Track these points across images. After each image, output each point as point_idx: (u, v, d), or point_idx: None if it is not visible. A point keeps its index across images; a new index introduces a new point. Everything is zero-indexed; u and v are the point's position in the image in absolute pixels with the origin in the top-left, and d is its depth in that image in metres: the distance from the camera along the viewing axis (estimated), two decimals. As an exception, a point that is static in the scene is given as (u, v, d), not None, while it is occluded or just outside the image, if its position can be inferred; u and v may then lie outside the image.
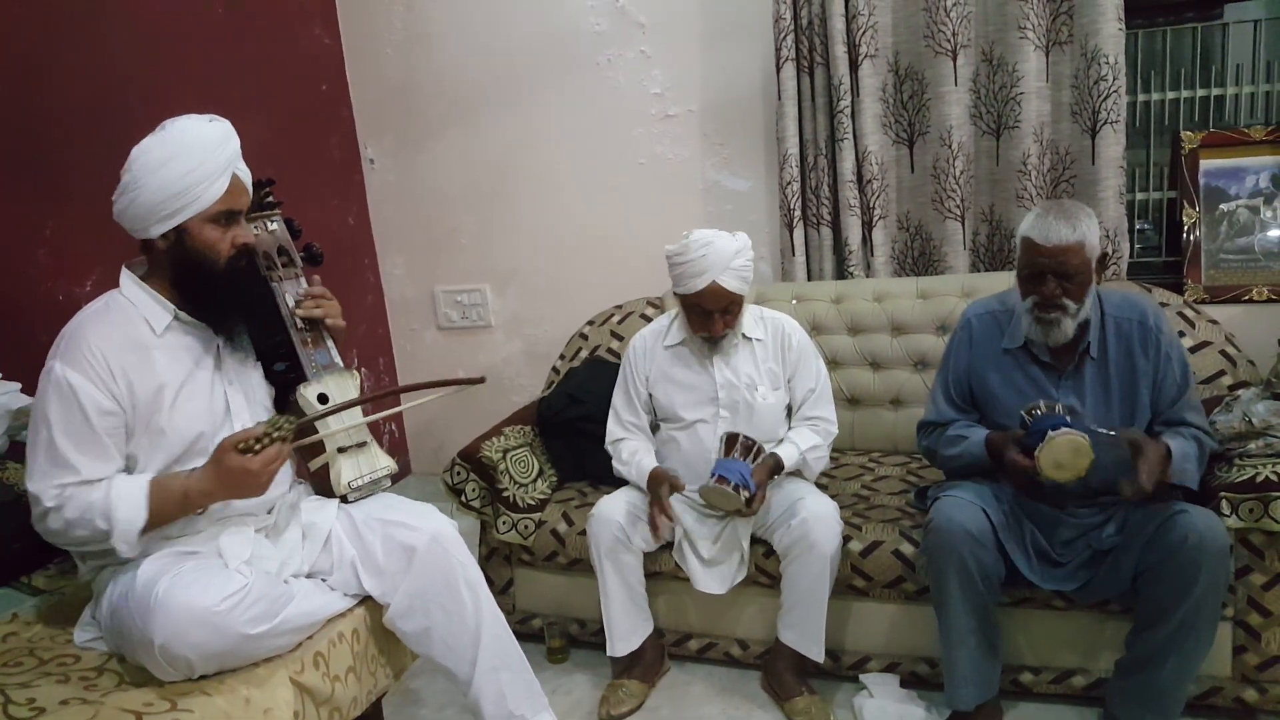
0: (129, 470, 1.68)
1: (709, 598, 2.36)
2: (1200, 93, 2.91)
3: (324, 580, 1.83)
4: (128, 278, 1.75)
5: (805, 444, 2.33)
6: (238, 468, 1.57)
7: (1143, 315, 2.05)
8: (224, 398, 1.79)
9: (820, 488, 2.42)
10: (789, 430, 2.40)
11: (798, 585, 2.19)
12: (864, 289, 2.93)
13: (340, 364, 1.92)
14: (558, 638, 2.58)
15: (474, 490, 2.55)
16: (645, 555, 2.36)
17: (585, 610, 2.51)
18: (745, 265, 2.25)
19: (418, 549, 1.83)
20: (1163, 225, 3.02)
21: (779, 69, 2.98)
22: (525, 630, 2.59)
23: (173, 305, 1.74)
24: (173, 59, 2.82)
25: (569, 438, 2.75)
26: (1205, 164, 2.84)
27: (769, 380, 2.38)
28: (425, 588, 1.84)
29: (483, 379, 1.94)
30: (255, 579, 1.62)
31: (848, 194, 2.97)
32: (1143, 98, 2.96)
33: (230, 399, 1.79)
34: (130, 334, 1.69)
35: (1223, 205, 2.84)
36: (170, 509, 1.62)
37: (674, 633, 2.49)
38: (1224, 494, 1.95)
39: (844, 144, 2.94)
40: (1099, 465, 1.86)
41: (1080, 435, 1.85)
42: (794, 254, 3.09)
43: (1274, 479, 1.91)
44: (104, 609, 1.65)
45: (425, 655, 1.89)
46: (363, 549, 1.83)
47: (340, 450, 1.89)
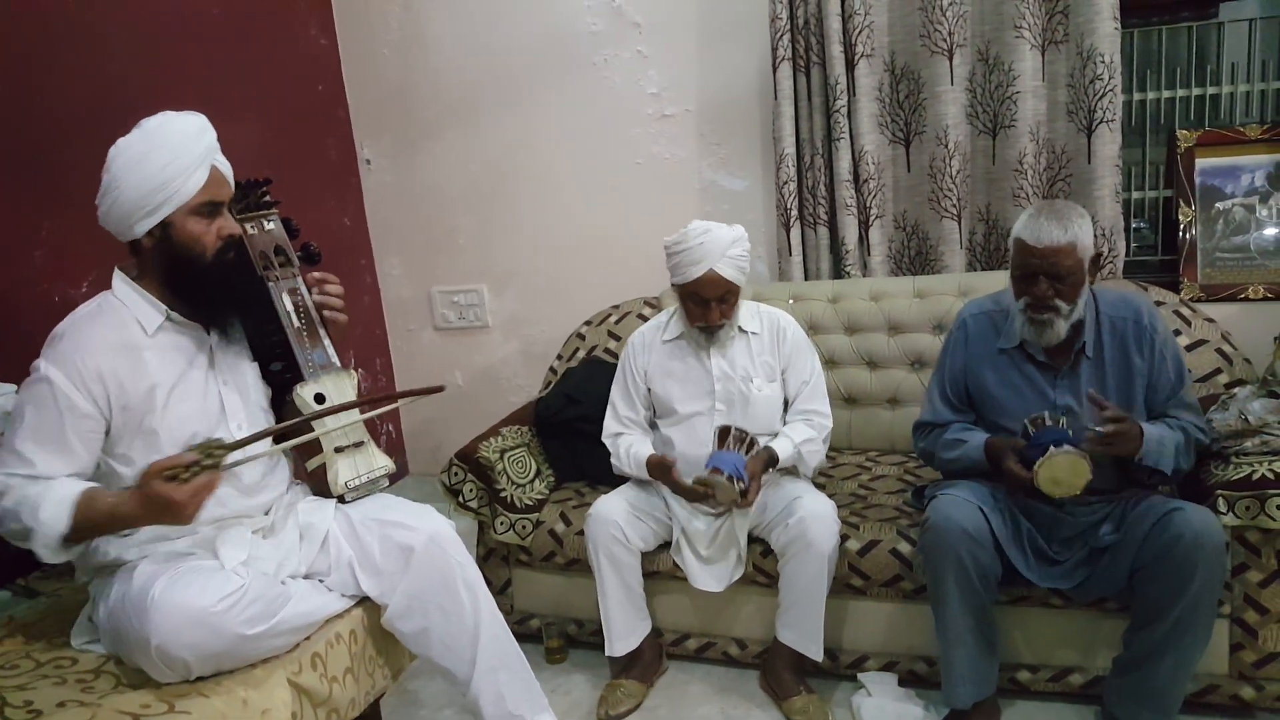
0: (122, 472, 1.68)
1: (707, 597, 2.36)
2: (1196, 91, 2.92)
3: (321, 581, 1.83)
4: (120, 279, 1.75)
5: (800, 437, 2.33)
6: (162, 496, 1.46)
7: (1137, 314, 2.05)
8: (218, 398, 1.79)
9: (818, 487, 2.42)
10: (785, 425, 2.41)
11: (795, 584, 2.20)
12: (861, 288, 2.93)
13: (338, 363, 1.92)
14: (556, 638, 2.58)
15: (472, 491, 2.55)
16: (643, 555, 2.36)
17: (583, 610, 2.51)
18: (741, 255, 2.28)
19: (415, 549, 1.82)
20: (1159, 224, 3.02)
21: (775, 68, 2.98)
22: (523, 631, 2.59)
23: (164, 306, 1.74)
24: (169, 60, 2.82)
25: (566, 438, 2.74)
26: (1201, 163, 2.85)
27: (764, 373, 2.39)
28: (423, 588, 1.83)
29: (442, 388, 1.93)
30: (252, 580, 1.62)
31: (844, 193, 2.98)
32: (1138, 97, 2.97)
33: (225, 399, 1.79)
34: (121, 335, 1.69)
35: (1219, 204, 2.84)
36: (95, 524, 1.56)
37: (672, 632, 2.49)
38: (1220, 491, 1.96)
39: (840, 143, 2.95)
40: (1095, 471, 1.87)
41: (1081, 455, 1.86)
42: (791, 253, 3.09)
43: (1270, 477, 1.92)
44: (101, 611, 1.65)
45: (424, 656, 1.89)
46: (360, 549, 1.83)
47: (337, 450, 1.88)
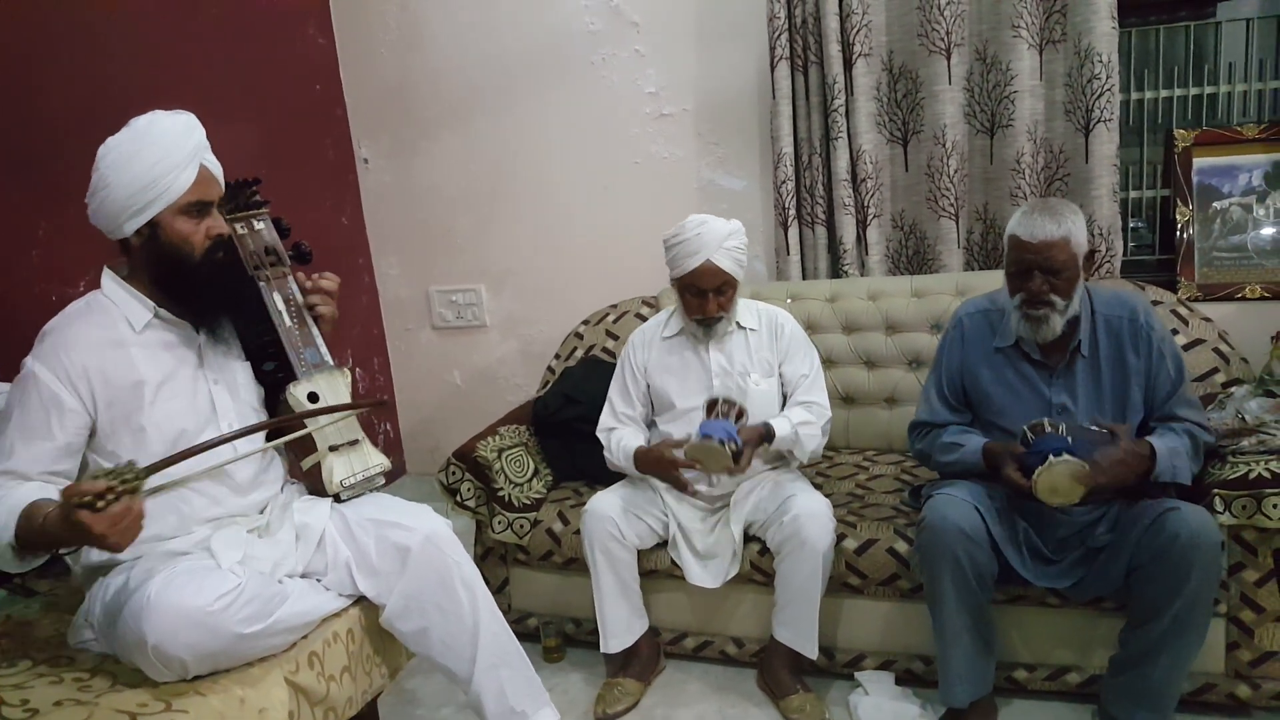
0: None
1: (704, 595, 2.36)
2: (1193, 91, 2.92)
3: (319, 580, 1.82)
4: (109, 277, 1.75)
5: (797, 418, 2.34)
6: (79, 526, 1.37)
7: (1133, 312, 2.05)
8: (208, 396, 1.79)
9: (815, 486, 2.42)
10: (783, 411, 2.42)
11: (791, 583, 2.20)
12: (859, 288, 2.93)
13: (330, 362, 1.92)
14: (553, 637, 2.58)
15: (469, 490, 2.55)
16: (640, 554, 2.37)
17: (581, 609, 2.51)
18: (738, 247, 2.30)
19: (412, 549, 1.82)
20: (1156, 223, 3.03)
21: (773, 68, 2.98)
22: (521, 630, 2.57)
23: (152, 303, 1.74)
24: (167, 60, 2.82)
25: (564, 437, 2.74)
26: (1198, 162, 2.85)
27: (762, 368, 2.41)
28: (421, 588, 1.83)
29: (384, 400, 1.94)
30: (249, 579, 1.62)
31: (842, 193, 2.98)
32: (1136, 96, 2.97)
33: (215, 398, 1.79)
34: (108, 332, 1.69)
35: (1216, 203, 2.85)
36: (34, 537, 1.51)
37: (670, 631, 2.49)
38: (1217, 491, 1.96)
39: (838, 143, 2.95)
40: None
41: (1080, 464, 1.85)
42: (789, 253, 3.09)
43: (1266, 476, 1.92)
44: (97, 610, 1.65)
45: (424, 655, 1.89)
46: (356, 550, 1.83)
47: (332, 449, 1.88)
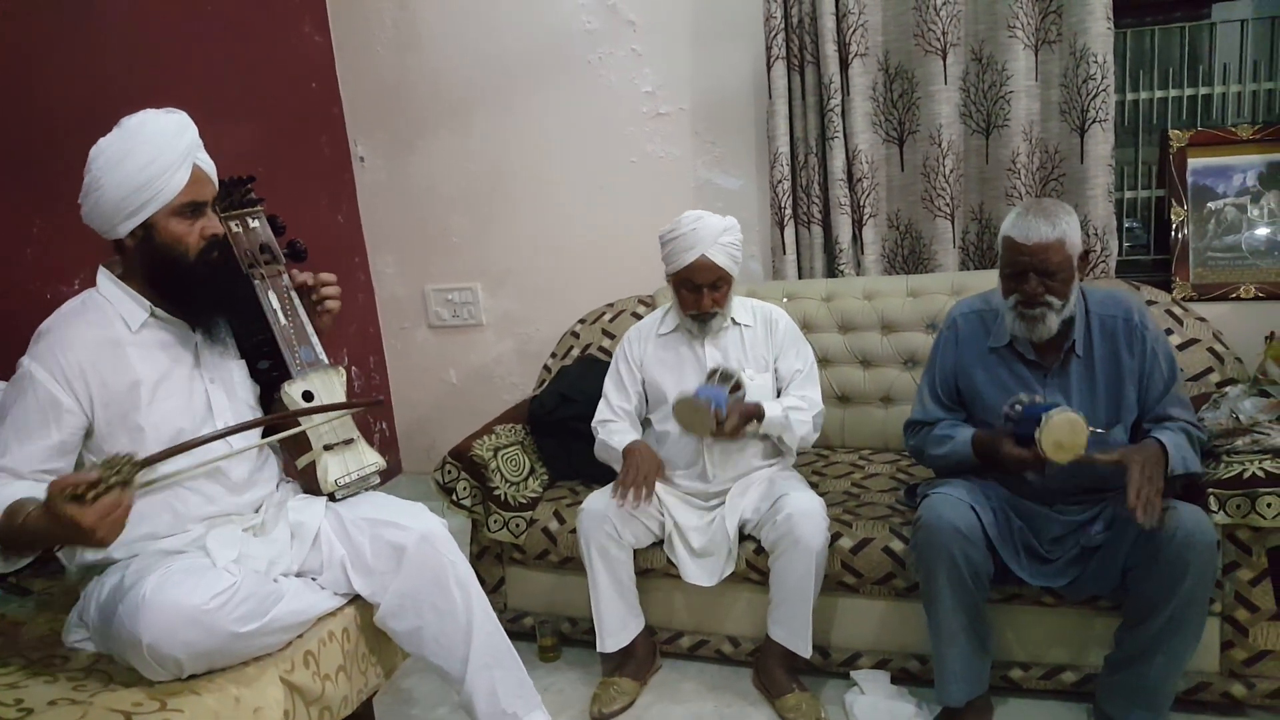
0: None
1: (700, 594, 2.37)
2: (1188, 91, 2.93)
3: (314, 579, 1.82)
4: (104, 276, 1.75)
5: (789, 403, 2.36)
6: (66, 517, 1.34)
7: (1127, 312, 2.05)
8: (204, 395, 1.78)
9: (810, 484, 2.43)
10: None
11: (785, 581, 2.20)
12: (854, 287, 2.93)
13: (325, 361, 1.92)
14: (549, 636, 2.58)
15: (465, 489, 2.55)
16: (636, 552, 2.37)
17: (577, 609, 2.51)
18: (733, 243, 2.32)
19: (407, 548, 1.82)
20: (1151, 223, 3.03)
21: (769, 67, 2.98)
22: (517, 629, 2.59)
23: (148, 302, 1.74)
24: (163, 58, 2.82)
25: (561, 436, 2.74)
26: (1193, 162, 2.86)
27: (757, 363, 2.42)
28: (416, 587, 1.83)
29: (380, 400, 1.94)
30: (244, 577, 1.61)
31: (838, 192, 2.98)
32: (1131, 96, 2.97)
33: (211, 397, 1.79)
34: (104, 332, 1.69)
35: (1210, 203, 2.85)
36: (14, 536, 1.47)
37: (665, 630, 2.49)
38: (1211, 490, 1.96)
39: (834, 142, 2.95)
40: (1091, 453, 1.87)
41: (1075, 413, 1.85)
42: (785, 252, 3.10)
43: (1261, 475, 1.92)
44: (92, 609, 1.64)
45: (417, 654, 1.89)
46: (352, 549, 1.83)
47: (327, 448, 1.88)
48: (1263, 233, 2.82)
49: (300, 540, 1.81)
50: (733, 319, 2.44)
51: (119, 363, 1.68)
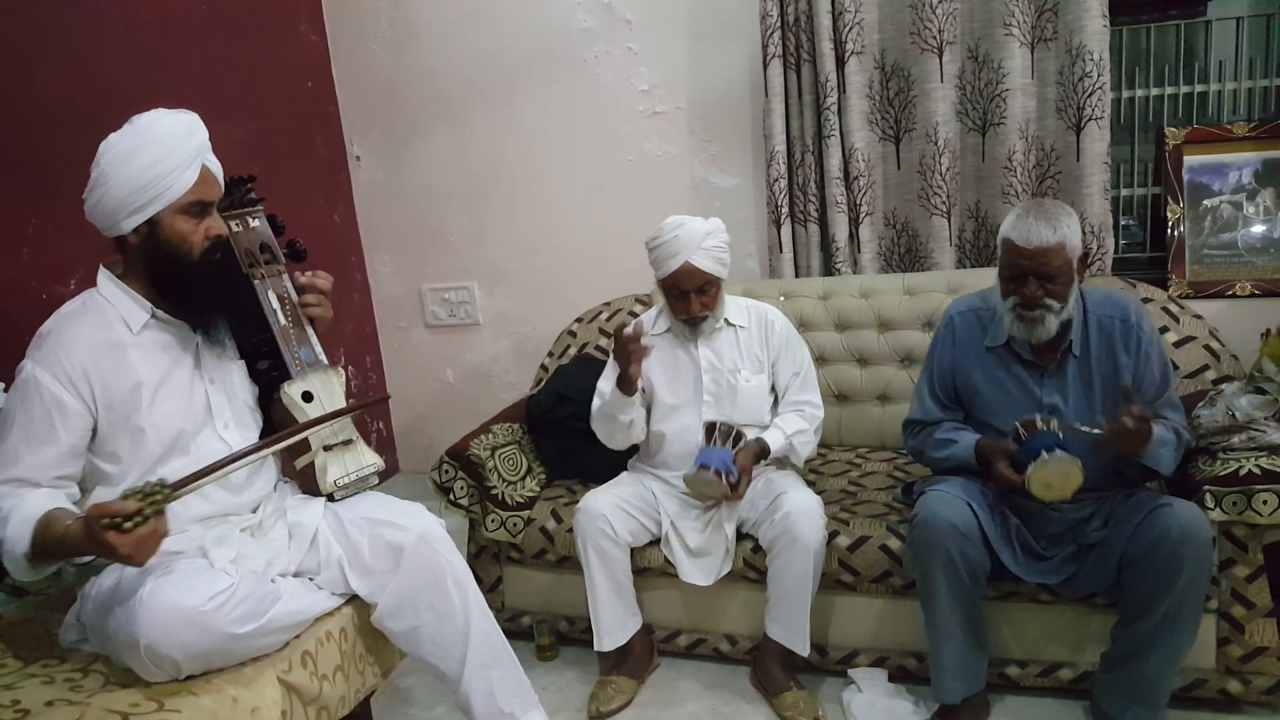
0: (109, 471, 1.68)
1: (697, 593, 2.37)
2: (1184, 89, 2.93)
3: (311, 579, 1.82)
4: (105, 277, 1.74)
5: (791, 429, 2.36)
6: (107, 544, 1.39)
7: (1124, 313, 2.05)
8: (205, 397, 1.78)
9: (808, 483, 2.43)
10: (776, 416, 2.43)
11: (783, 580, 2.20)
12: (851, 285, 2.93)
13: (325, 361, 1.91)
14: (547, 635, 2.58)
15: (462, 488, 2.55)
16: (633, 551, 2.37)
17: (574, 608, 2.51)
18: (718, 246, 2.31)
19: (405, 548, 1.82)
20: (1147, 221, 3.03)
21: (766, 66, 2.98)
22: (514, 628, 2.59)
23: (149, 303, 1.73)
24: (159, 56, 2.81)
25: (558, 435, 2.74)
26: (1189, 160, 2.86)
27: (752, 364, 2.42)
28: (413, 587, 1.83)
29: (388, 396, 1.94)
30: (241, 578, 1.61)
31: (834, 191, 2.98)
32: (1127, 94, 2.98)
33: (211, 398, 1.79)
34: (106, 333, 1.68)
35: (1206, 201, 2.86)
36: (52, 548, 1.52)
37: (663, 629, 2.49)
38: (1207, 487, 1.97)
39: (831, 141, 2.95)
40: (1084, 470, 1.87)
41: (1073, 460, 1.86)
42: (781, 251, 3.10)
43: (1257, 472, 1.93)
44: (89, 610, 1.64)
45: (414, 654, 1.89)
46: (350, 548, 1.83)
47: (326, 448, 1.88)
48: (1258, 230, 2.82)
49: (298, 540, 1.81)
50: (726, 320, 2.43)
51: (121, 364, 1.67)
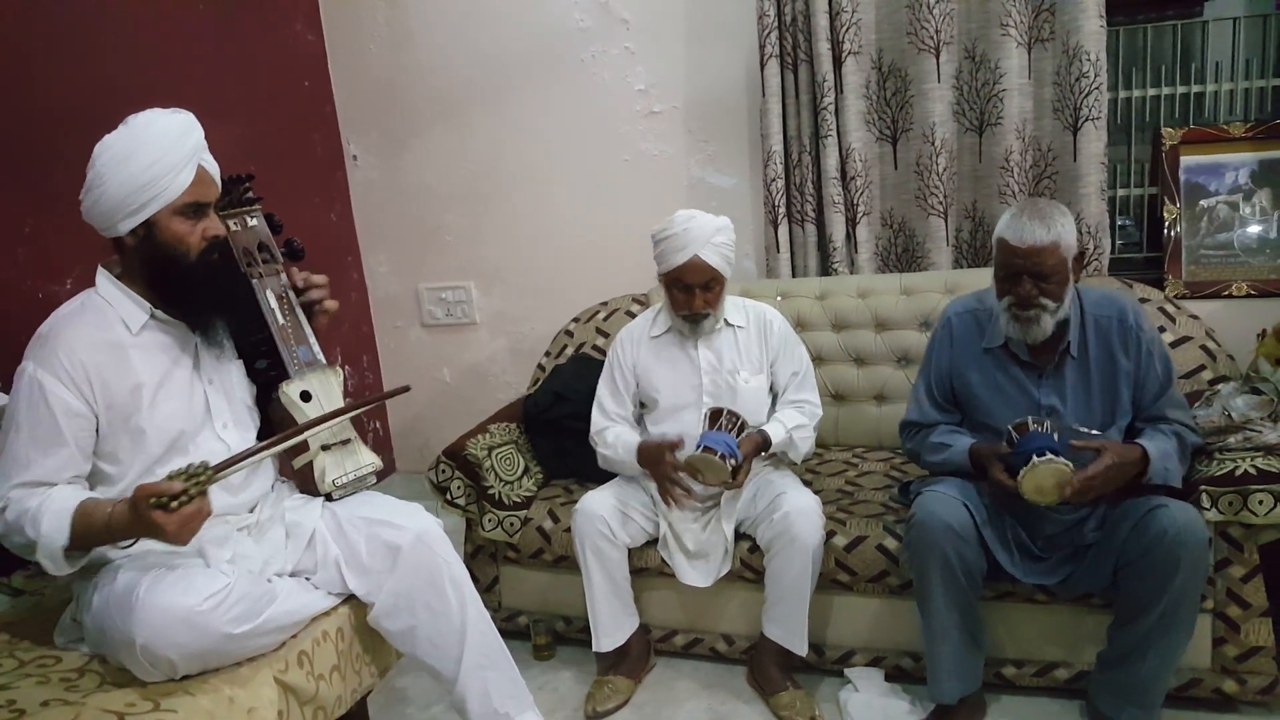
0: (109, 471, 1.67)
1: (694, 593, 2.37)
2: (1181, 90, 2.93)
3: (308, 579, 1.82)
4: (104, 277, 1.74)
5: (791, 423, 2.36)
6: (153, 523, 1.45)
7: (1122, 313, 2.05)
8: (204, 397, 1.78)
9: (805, 483, 2.43)
10: (774, 413, 2.43)
11: (781, 580, 2.20)
12: (848, 285, 2.94)
13: (323, 360, 1.91)
14: (543, 635, 2.58)
15: (459, 488, 2.55)
16: (630, 551, 2.37)
17: (571, 607, 2.51)
18: (726, 243, 2.30)
19: (402, 548, 1.82)
20: (1144, 221, 3.04)
21: (763, 66, 2.98)
22: (511, 628, 2.59)
23: (148, 304, 1.73)
24: (155, 55, 2.80)
25: (555, 435, 2.74)
26: (1186, 160, 2.86)
27: (751, 365, 2.41)
28: (410, 587, 1.83)
29: (408, 387, 1.94)
30: (237, 578, 1.61)
31: (832, 190, 2.98)
32: (1124, 94, 2.98)
33: (210, 398, 1.79)
34: (105, 334, 1.68)
35: (1203, 201, 2.86)
36: (94, 536, 1.55)
37: (660, 629, 2.49)
38: (1203, 488, 1.97)
39: (828, 141, 2.95)
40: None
41: (1065, 464, 1.86)
42: (779, 250, 3.10)
43: (1253, 472, 1.93)
44: (85, 610, 1.64)
45: (410, 654, 1.88)
46: (347, 548, 1.82)
47: (324, 448, 1.87)
48: (1254, 230, 2.82)
49: (295, 540, 1.81)
50: (726, 320, 2.42)
51: (121, 365, 1.67)
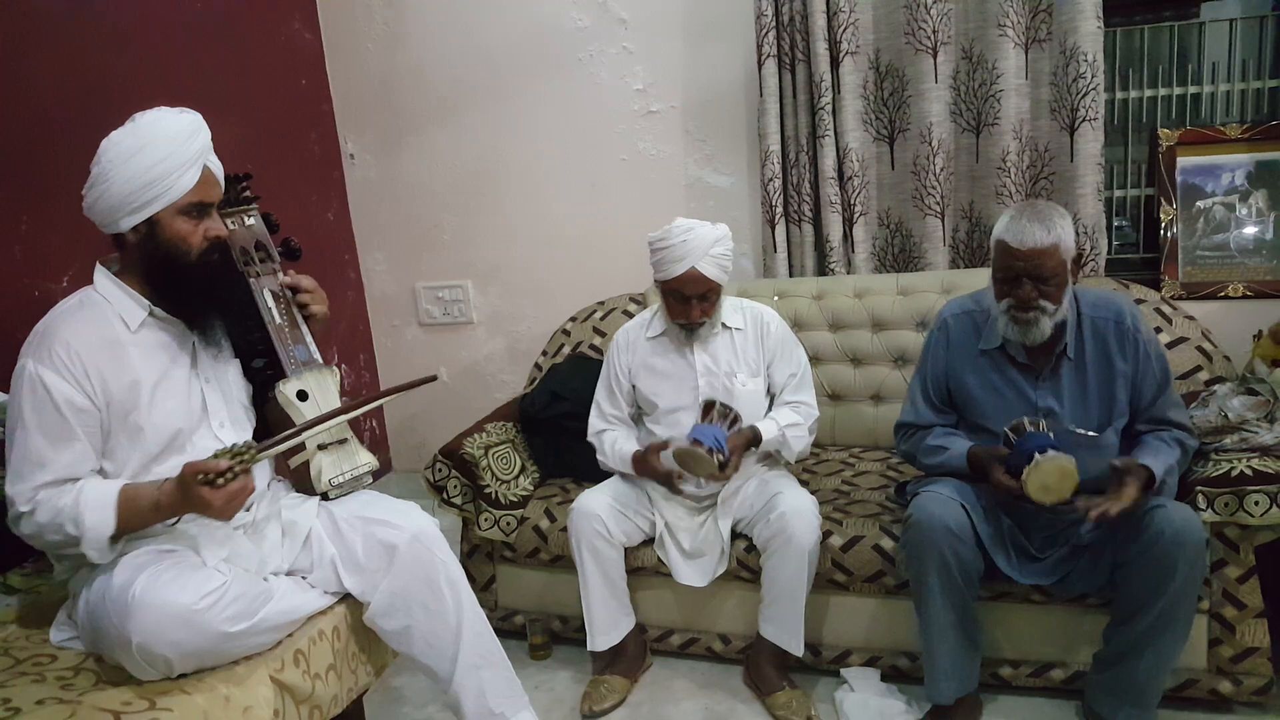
0: (105, 468, 1.67)
1: (691, 593, 2.37)
2: (1177, 91, 2.94)
3: (304, 578, 1.82)
4: (102, 274, 1.73)
5: (785, 421, 2.35)
6: (201, 499, 1.52)
7: (1119, 315, 2.05)
8: (201, 396, 1.78)
9: (801, 483, 2.43)
10: (770, 412, 2.42)
11: (777, 580, 2.20)
12: (845, 285, 2.94)
13: (319, 360, 1.91)
14: (540, 634, 2.57)
15: (456, 487, 2.55)
16: (626, 550, 2.37)
17: (568, 607, 2.50)
18: (724, 254, 2.29)
19: (399, 547, 1.82)
20: (1140, 222, 3.04)
21: (760, 65, 2.98)
22: (507, 627, 2.59)
23: (147, 301, 1.72)
24: (151, 54, 2.80)
25: (551, 434, 2.74)
26: (1182, 161, 2.87)
27: (748, 368, 2.41)
28: (406, 586, 1.83)
29: (434, 377, 1.94)
30: (234, 577, 1.61)
31: (829, 190, 2.98)
32: (1121, 95, 2.98)
33: (207, 396, 1.78)
34: (104, 331, 1.67)
35: (1199, 202, 2.87)
36: (141, 518, 1.59)
37: (656, 628, 2.49)
38: (1200, 488, 1.97)
39: (825, 141, 2.95)
40: (1081, 473, 1.87)
41: (1067, 459, 1.85)
42: (776, 250, 3.10)
43: (1249, 473, 1.94)
44: (80, 608, 1.64)
45: (406, 653, 1.88)
46: (343, 547, 1.82)
47: (321, 448, 1.87)
48: (1251, 231, 2.83)
49: (292, 539, 1.81)
50: (723, 323, 2.41)
51: (120, 362, 1.67)
